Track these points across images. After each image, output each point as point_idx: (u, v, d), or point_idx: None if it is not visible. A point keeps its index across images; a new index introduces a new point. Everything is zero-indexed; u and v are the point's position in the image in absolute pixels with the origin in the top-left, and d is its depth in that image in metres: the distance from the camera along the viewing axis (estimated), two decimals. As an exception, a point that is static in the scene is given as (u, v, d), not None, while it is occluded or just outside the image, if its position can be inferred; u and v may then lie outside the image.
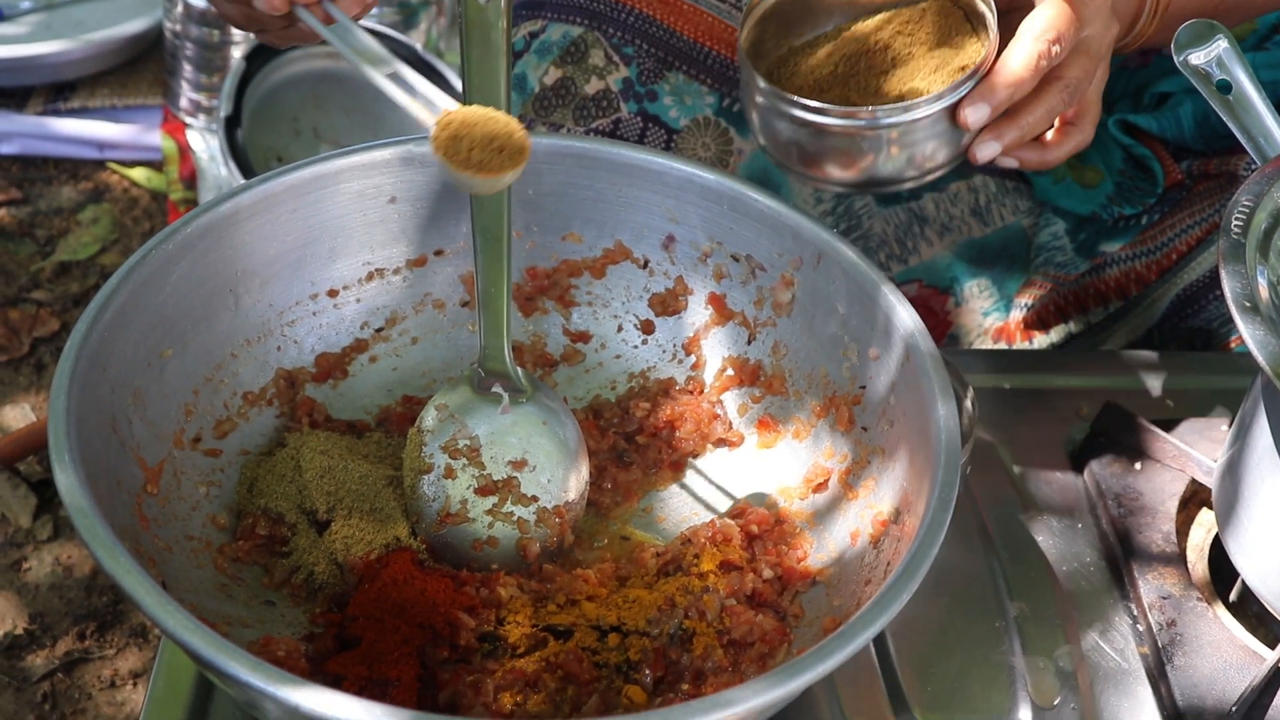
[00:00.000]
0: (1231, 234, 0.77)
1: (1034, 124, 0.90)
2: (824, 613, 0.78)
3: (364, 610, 0.76)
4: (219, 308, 0.85)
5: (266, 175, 0.86)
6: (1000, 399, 1.03)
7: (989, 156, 0.90)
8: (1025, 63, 0.87)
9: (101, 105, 1.92)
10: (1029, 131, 0.90)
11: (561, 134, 1.07)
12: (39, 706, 1.39)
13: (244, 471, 0.85)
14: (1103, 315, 1.21)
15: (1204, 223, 1.15)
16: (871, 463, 0.83)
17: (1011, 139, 0.89)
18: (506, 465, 0.83)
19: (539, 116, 1.10)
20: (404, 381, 0.93)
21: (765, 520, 0.84)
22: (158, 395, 0.81)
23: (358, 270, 0.91)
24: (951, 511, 0.70)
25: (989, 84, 0.86)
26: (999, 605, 0.88)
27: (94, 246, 1.81)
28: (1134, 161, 1.18)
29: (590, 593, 0.78)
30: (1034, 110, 0.89)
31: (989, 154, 0.89)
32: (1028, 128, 0.90)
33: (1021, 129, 0.90)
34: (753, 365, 0.91)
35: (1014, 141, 0.90)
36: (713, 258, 0.92)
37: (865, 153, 0.86)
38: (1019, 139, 0.90)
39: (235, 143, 1.67)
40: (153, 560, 0.74)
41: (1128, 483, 0.95)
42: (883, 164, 0.87)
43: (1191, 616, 0.87)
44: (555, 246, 0.94)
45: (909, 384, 0.79)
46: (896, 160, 0.87)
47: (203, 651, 0.61)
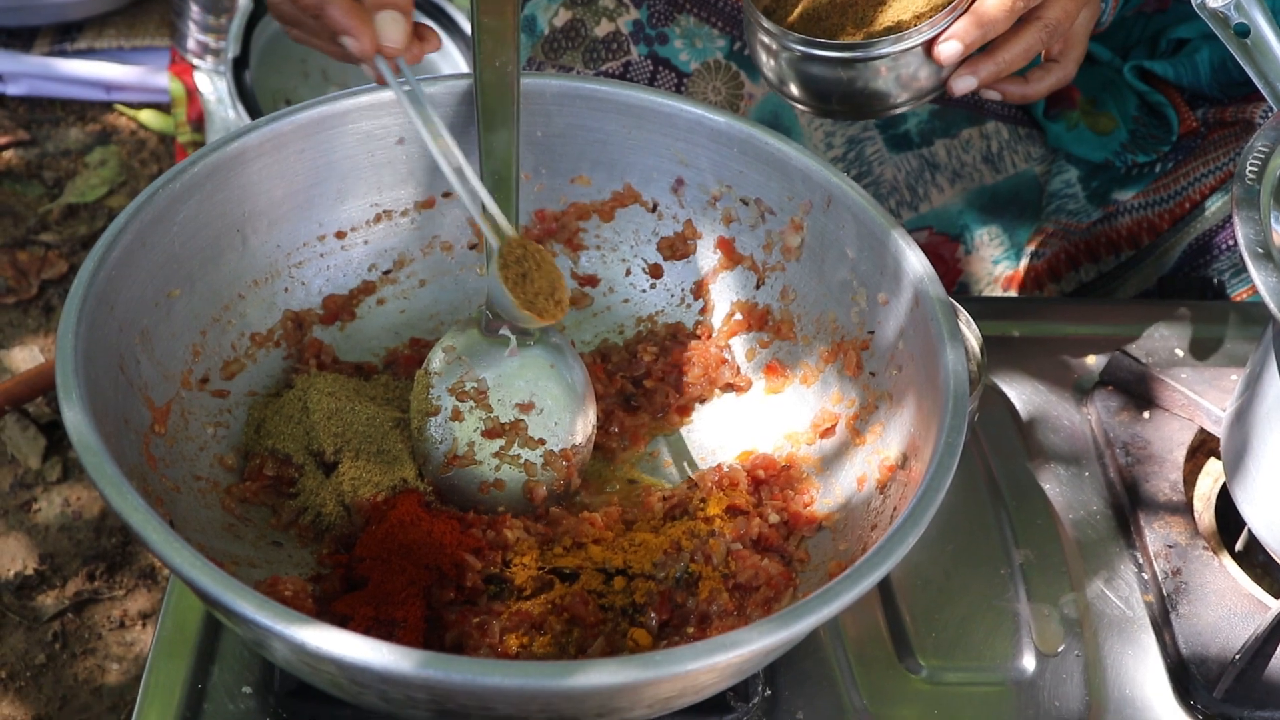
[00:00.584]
0: (1246, 180, 0.76)
1: (1010, 61, 0.93)
2: (829, 557, 0.78)
3: (371, 551, 0.76)
4: (226, 248, 0.85)
5: (274, 115, 0.86)
6: (1009, 347, 1.02)
7: (965, 90, 0.94)
8: (1000, 3, 0.90)
9: (108, 46, 1.90)
10: (1005, 68, 0.94)
11: (571, 76, 1.07)
12: (49, 645, 1.41)
13: (251, 412, 0.85)
14: (1114, 264, 1.20)
15: (1218, 171, 1.14)
16: (879, 408, 0.82)
17: (987, 74, 0.93)
18: (514, 408, 0.83)
19: (548, 59, 1.09)
20: (411, 324, 0.93)
21: (772, 465, 0.84)
22: (165, 335, 0.81)
23: (365, 212, 0.91)
24: (958, 457, 0.70)
25: (964, 21, 0.90)
26: (1004, 552, 0.88)
27: (102, 189, 1.80)
28: (1149, 109, 1.17)
29: (596, 536, 0.79)
30: (1011, 48, 0.93)
31: (965, 87, 0.94)
32: (1004, 64, 0.93)
33: (998, 65, 0.93)
34: (761, 310, 0.91)
35: (989, 76, 0.93)
36: (722, 201, 0.91)
37: (856, 80, 0.92)
38: (994, 74, 0.93)
39: (243, 84, 1.66)
40: (160, 500, 0.74)
41: (1136, 431, 0.95)
42: (873, 90, 0.92)
43: (1197, 565, 0.87)
44: (564, 189, 0.93)
45: (918, 329, 0.79)
46: (887, 86, 0.92)
47: (210, 589, 0.61)
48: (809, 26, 0.93)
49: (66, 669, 1.37)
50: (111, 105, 1.92)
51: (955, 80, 0.94)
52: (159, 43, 1.91)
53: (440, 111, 0.89)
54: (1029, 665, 0.82)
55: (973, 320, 0.90)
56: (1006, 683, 0.82)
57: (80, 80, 1.90)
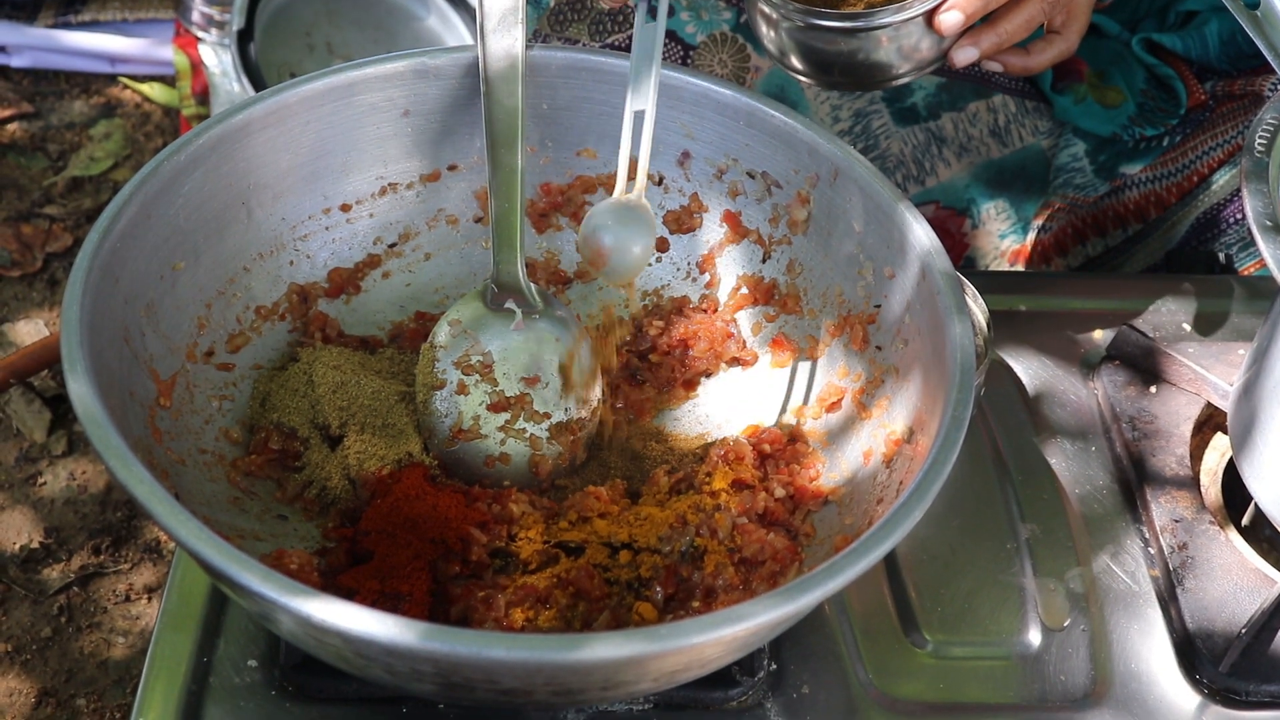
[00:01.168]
0: (1255, 153, 0.76)
1: (1012, 32, 0.94)
2: (835, 531, 0.78)
3: (376, 525, 0.76)
4: (231, 221, 0.85)
5: (279, 87, 0.85)
6: (1016, 321, 1.02)
7: (966, 61, 0.94)
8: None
9: (113, 18, 1.90)
10: (1006, 39, 0.94)
11: (577, 48, 1.06)
12: (55, 619, 1.41)
13: (257, 386, 0.85)
14: (1121, 238, 1.20)
15: (1226, 144, 1.13)
16: (885, 382, 0.82)
17: (988, 45, 0.94)
18: (519, 382, 0.83)
19: (554, 31, 1.08)
20: (417, 297, 0.93)
21: (778, 439, 0.84)
22: (170, 308, 0.81)
23: (371, 184, 0.91)
24: (965, 431, 0.70)
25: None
26: (1010, 527, 0.88)
27: (106, 162, 1.80)
28: (1157, 82, 1.16)
29: (602, 510, 0.79)
30: (1012, 19, 0.94)
31: (966, 59, 0.94)
32: (1005, 35, 0.94)
33: (999, 36, 0.94)
34: (767, 284, 0.91)
35: (990, 47, 0.94)
36: (728, 174, 0.91)
37: (858, 52, 0.92)
38: (996, 45, 0.94)
39: (248, 57, 1.66)
40: (165, 473, 0.74)
41: (1142, 406, 0.95)
42: (875, 61, 0.93)
43: (1203, 540, 0.87)
44: (570, 162, 0.93)
45: (924, 303, 0.79)
46: (888, 56, 0.93)
47: (216, 562, 0.61)
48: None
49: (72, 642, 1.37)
50: (116, 78, 1.91)
51: (956, 51, 0.94)
52: (163, 15, 1.90)
53: (444, 84, 0.89)
54: (1034, 640, 0.82)
55: (979, 294, 0.90)
56: (1012, 657, 0.82)
57: (84, 52, 1.89)
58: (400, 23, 1.79)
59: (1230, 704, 0.81)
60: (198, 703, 0.76)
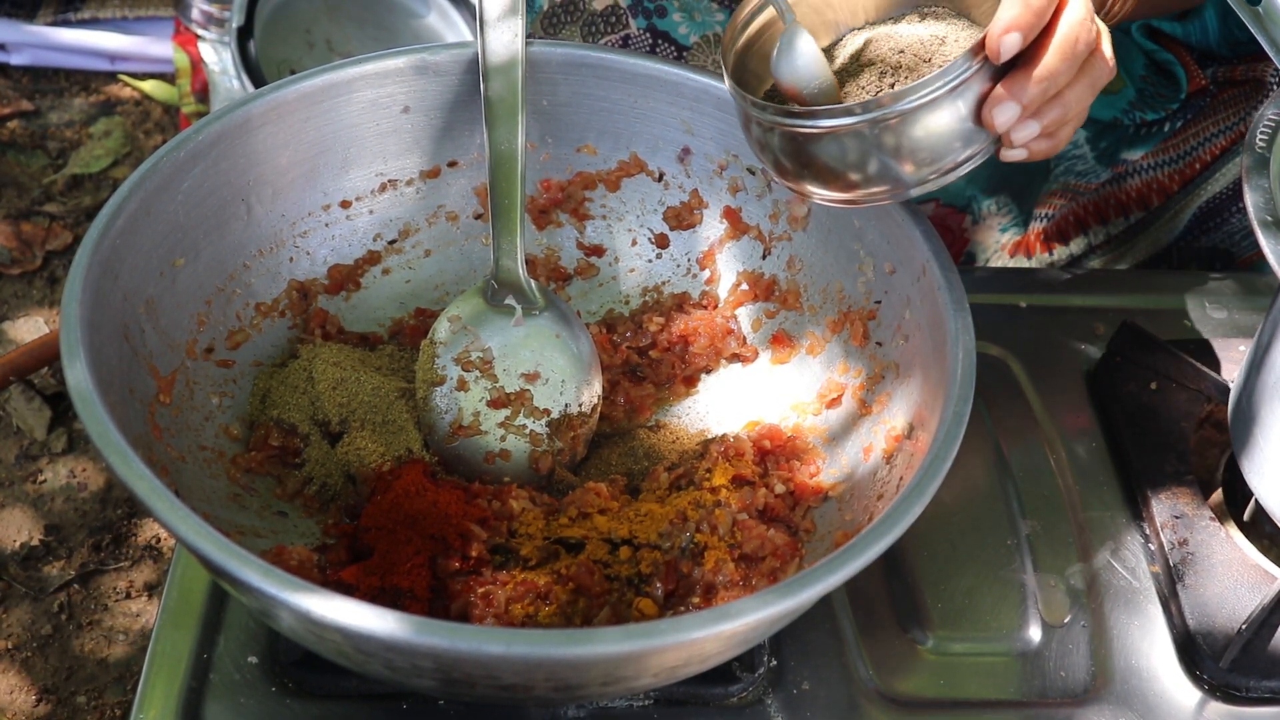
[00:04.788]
0: (1256, 149, 0.76)
1: (1078, 99, 0.74)
2: (835, 528, 0.78)
3: (376, 521, 0.76)
4: (231, 217, 0.85)
5: (279, 84, 0.85)
6: (1016, 318, 1.02)
7: (1026, 138, 0.73)
8: (1064, 47, 0.71)
9: (112, 16, 1.90)
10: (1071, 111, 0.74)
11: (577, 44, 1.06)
12: (55, 616, 1.41)
13: (257, 382, 0.85)
14: (1123, 226, 1.19)
15: (1229, 131, 1.13)
16: (885, 378, 0.82)
17: (1053, 118, 0.73)
18: (519, 378, 0.83)
19: (548, 34, 1.08)
20: (417, 294, 0.93)
21: (778, 435, 0.84)
22: (170, 304, 0.81)
23: (370, 181, 0.91)
24: (965, 427, 0.70)
25: (1020, 77, 0.70)
26: (1011, 523, 0.88)
27: (106, 159, 1.80)
28: (1156, 67, 1.16)
29: (602, 506, 0.79)
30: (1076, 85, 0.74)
31: (1027, 135, 0.72)
32: (1071, 105, 0.73)
33: (1065, 107, 0.73)
34: (767, 280, 0.91)
35: (1056, 120, 0.73)
36: (728, 170, 0.91)
37: (865, 155, 0.72)
38: (1061, 119, 0.74)
39: (247, 55, 1.65)
40: (165, 470, 0.74)
41: (1143, 402, 0.95)
42: (888, 165, 0.72)
43: (1204, 536, 0.87)
44: (570, 159, 0.93)
45: (924, 299, 0.79)
46: (905, 158, 0.72)
47: (215, 557, 0.61)
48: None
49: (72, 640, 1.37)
50: (115, 75, 1.91)
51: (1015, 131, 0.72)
52: (163, 13, 1.90)
53: (444, 81, 0.89)
54: (1035, 636, 0.82)
55: None
56: (1012, 653, 0.82)
57: (84, 50, 1.89)
58: (400, 20, 1.79)
59: (1230, 700, 0.81)
60: (198, 700, 0.76)
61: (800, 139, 0.72)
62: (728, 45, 0.78)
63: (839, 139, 0.71)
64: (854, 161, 0.72)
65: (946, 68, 0.69)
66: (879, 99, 0.70)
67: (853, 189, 0.74)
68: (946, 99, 0.70)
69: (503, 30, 0.86)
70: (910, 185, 0.73)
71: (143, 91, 1.88)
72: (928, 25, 0.77)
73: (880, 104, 0.69)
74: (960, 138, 0.71)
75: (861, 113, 0.70)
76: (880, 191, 0.74)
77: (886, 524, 0.66)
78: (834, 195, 0.75)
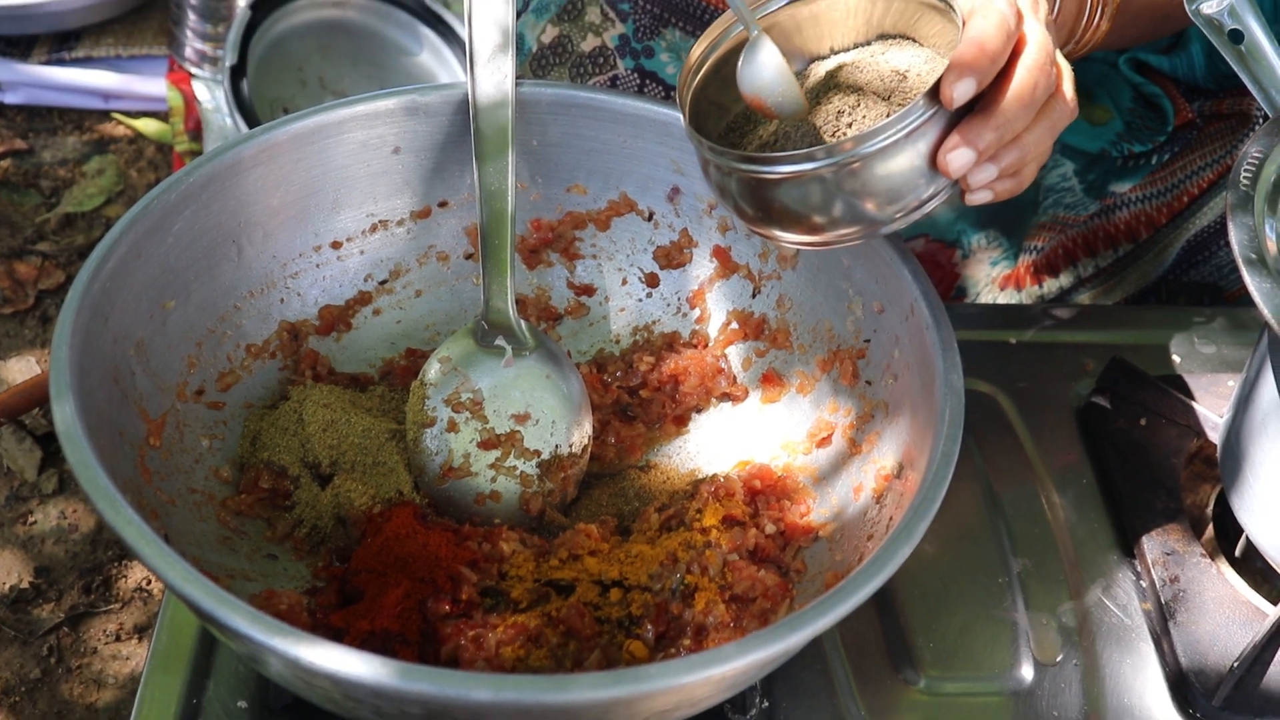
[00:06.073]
0: (1240, 186, 0.76)
1: (1036, 142, 0.73)
2: (826, 568, 0.78)
3: (366, 564, 0.76)
4: (222, 259, 0.85)
5: (270, 125, 0.86)
6: (1006, 354, 1.02)
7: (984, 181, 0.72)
8: (1021, 94, 0.70)
9: (106, 55, 1.91)
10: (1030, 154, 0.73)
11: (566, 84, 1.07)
12: (44, 660, 1.40)
13: (247, 424, 0.85)
14: (1112, 259, 1.20)
15: (1216, 164, 1.13)
16: (875, 417, 0.82)
17: (1012, 160, 0.72)
18: (509, 419, 0.83)
19: (536, 76, 1.09)
20: (408, 334, 0.93)
21: (768, 475, 0.84)
22: (161, 346, 0.81)
23: (361, 221, 0.91)
24: (954, 467, 0.70)
25: (976, 122, 0.70)
26: (1002, 561, 0.88)
27: (99, 198, 1.80)
28: (1144, 100, 1.17)
29: (592, 547, 0.78)
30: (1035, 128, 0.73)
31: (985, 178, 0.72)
32: (1029, 148, 0.73)
33: (1023, 150, 0.72)
34: (757, 319, 0.91)
35: (1015, 163, 0.73)
36: (718, 210, 0.91)
37: (827, 198, 0.71)
38: (1020, 161, 0.73)
39: (240, 93, 1.66)
40: (155, 513, 0.74)
41: (1133, 438, 0.95)
42: (852, 207, 0.71)
43: (1195, 573, 0.87)
44: (560, 198, 0.93)
45: (913, 338, 0.79)
46: (868, 200, 0.71)
47: (204, 603, 0.61)
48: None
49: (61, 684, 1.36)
50: (109, 114, 1.92)
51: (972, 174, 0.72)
52: (157, 51, 1.91)
53: (435, 121, 0.89)
54: (1028, 675, 0.82)
55: None
56: (1005, 693, 0.82)
57: (78, 89, 1.90)
58: (393, 58, 1.80)
59: (1224, 738, 0.81)
60: (187, 744, 0.76)
61: (757, 183, 0.72)
62: (684, 86, 0.77)
63: (798, 183, 0.70)
64: (816, 205, 0.71)
65: (903, 112, 0.69)
66: (838, 144, 0.69)
67: (818, 231, 0.73)
68: (904, 142, 0.69)
69: (492, 71, 0.86)
70: (878, 225, 0.72)
71: (136, 129, 1.88)
72: (893, 55, 0.77)
73: (840, 148, 0.69)
74: (922, 177, 0.71)
75: (822, 158, 0.69)
76: (849, 233, 0.73)
77: (876, 565, 0.66)
78: (800, 238, 0.74)
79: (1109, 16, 0.89)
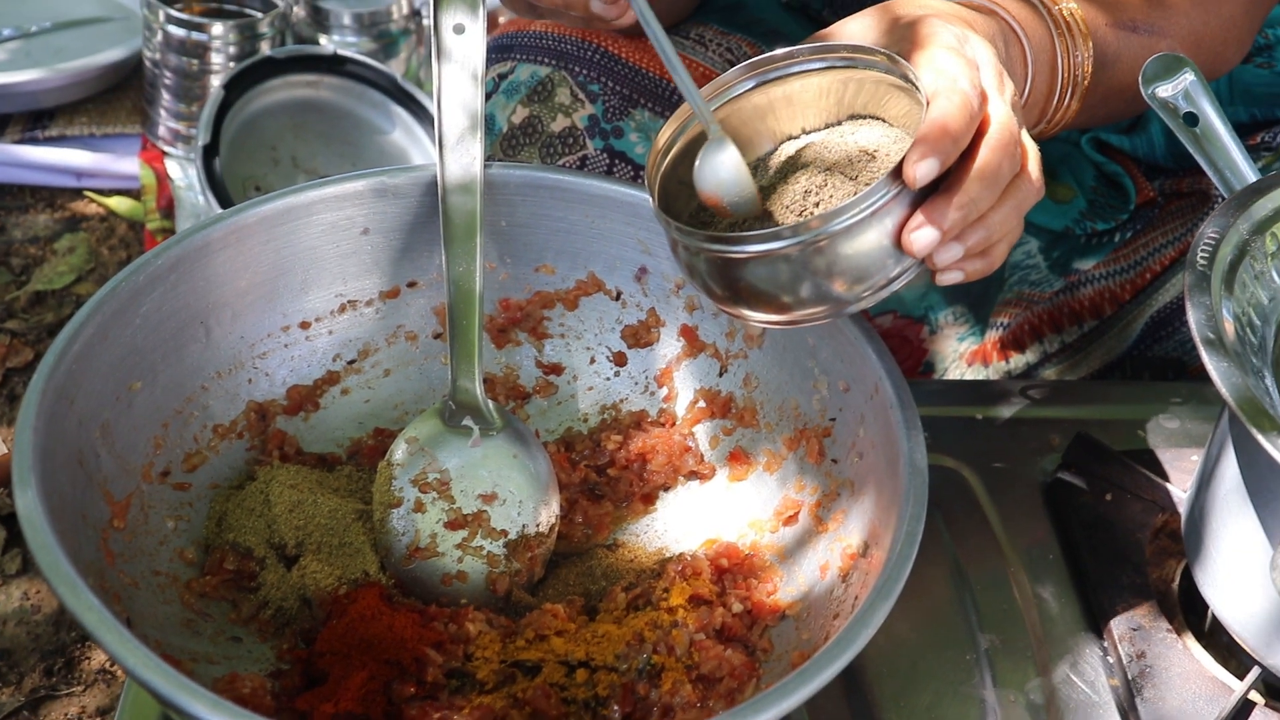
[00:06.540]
0: (1197, 266, 0.77)
1: (1002, 221, 0.74)
2: (793, 647, 0.78)
3: (331, 646, 0.76)
4: (189, 340, 0.85)
5: (238, 207, 0.86)
6: (972, 430, 1.03)
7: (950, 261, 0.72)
8: (985, 173, 0.71)
9: (80, 133, 1.91)
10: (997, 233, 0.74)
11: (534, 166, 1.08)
12: (7, 742, 1.38)
13: (213, 505, 0.85)
14: (1077, 335, 1.21)
15: (1177, 242, 1.15)
16: (841, 495, 0.83)
17: (977, 240, 0.72)
18: (477, 499, 0.83)
19: (507, 156, 1.10)
20: (376, 414, 0.93)
21: (735, 554, 0.84)
22: (126, 428, 0.81)
23: (330, 302, 0.91)
24: (918, 546, 0.70)
25: (940, 202, 0.70)
26: (970, 637, 0.88)
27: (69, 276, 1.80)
28: (1106, 179, 1.18)
29: (559, 627, 0.78)
30: (1000, 208, 0.73)
31: (950, 258, 0.72)
32: (995, 228, 0.73)
33: (989, 229, 0.73)
34: (724, 397, 0.91)
35: (981, 242, 0.73)
36: (685, 289, 0.92)
37: (794, 277, 0.71)
38: (986, 241, 0.73)
39: (213, 171, 1.67)
40: (117, 596, 0.74)
41: (1099, 513, 0.95)
42: (819, 286, 0.72)
43: (1162, 648, 0.87)
44: (528, 278, 0.94)
45: (877, 416, 0.79)
46: (835, 279, 0.71)
47: (164, 691, 0.60)
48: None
49: (24, 767, 1.34)
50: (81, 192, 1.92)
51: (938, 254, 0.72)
52: (130, 130, 1.91)
53: (404, 202, 0.90)
54: (996, 753, 0.82)
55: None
56: (974, 771, 0.81)
57: (51, 167, 1.90)
58: (366, 136, 1.81)
59: (1193, 816, 0.81)
60: (148, 831, 0.75)
61: (725, 263, 0.72)
62: (652, 168, 0.78)
63: (765, 262, 0.71)
64: (783, 283, 0.71)
65: (867, 191, 0.69)
66: (804, 222, 0.69)
67: (786, 310, 0.73)
68: (869, 221, 0.69)
69: (461, 154, 0.87)
70: (845, 304, 0.73)
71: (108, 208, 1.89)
72: (862, 135, 0.77)
73: (806, 227, 0.69)
74: (889, 256, 0.71)
75: (789, 237, 0.70)
76: (817, 311, 0.73)
77: (842, 644, 0.66)
78: (768, 317, 0.74)
79: (1079, 97, 0.91)
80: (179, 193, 1.83)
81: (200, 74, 1.80)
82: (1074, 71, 0.90)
